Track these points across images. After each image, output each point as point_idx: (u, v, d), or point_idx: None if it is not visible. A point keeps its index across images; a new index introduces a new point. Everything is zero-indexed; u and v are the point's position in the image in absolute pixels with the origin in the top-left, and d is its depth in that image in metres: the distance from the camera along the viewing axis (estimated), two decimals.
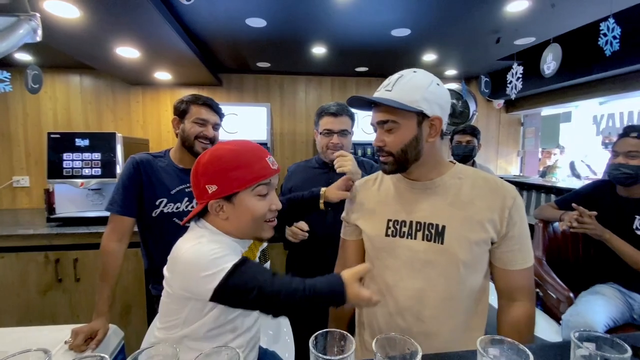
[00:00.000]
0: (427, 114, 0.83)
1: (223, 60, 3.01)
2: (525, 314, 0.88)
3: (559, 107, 3.47)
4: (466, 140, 2.31)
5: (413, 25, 2.17)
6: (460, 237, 0.84)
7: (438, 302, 0.88)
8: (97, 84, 3.28)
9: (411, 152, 0.85)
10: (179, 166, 1.36)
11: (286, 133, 3.64)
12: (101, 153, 2.44)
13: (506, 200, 0.85)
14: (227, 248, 0.79)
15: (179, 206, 1.31)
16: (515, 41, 2.43)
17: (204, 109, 1.31)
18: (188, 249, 0.76)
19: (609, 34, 1.41)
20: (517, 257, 0.86)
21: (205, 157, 0.82)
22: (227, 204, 0.80)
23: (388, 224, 0.93)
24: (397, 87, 0.83)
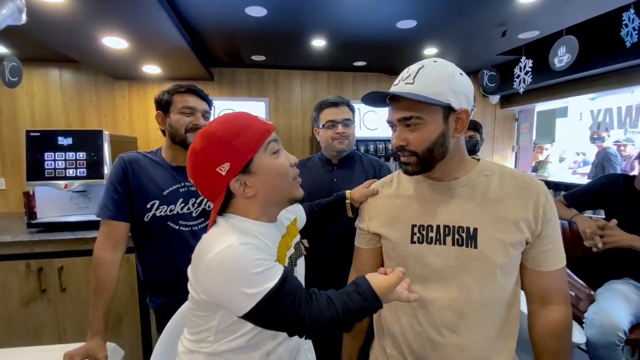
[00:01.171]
0: (454, 107, 0.75)
1: (216, 53, 2.86)
2: (563, 318, 0.82)
3: (554, 102, 3.50)
4: (468, 135, 2.25)
5: (420, 17, 2.10)
6: (495, 240, 0.78)
7: (473, 312, 0.81)
8: (79, 78, 3.06)
9: (438, 150, 0.77)
10: (172, 164, 1.21)
11: (281, 130, 3.52)
12: (86, 152, 2.25)
13: (539, 197, 0.79)
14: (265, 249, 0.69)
15: (173, 208, 1.16)
16: (520, 35, 2.40)
17: (189, 97, 1.16)
18: (221, 252, 0.64)
19: (629, 25, 1.37)
20: (551, 256, 0.80)
21: (197, 144, 0.71)
22: (248, 177, 0.71)
23: (413, 230, 0.85)
24: (419, 78, 0.75)
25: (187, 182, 1.18)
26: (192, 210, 1.18)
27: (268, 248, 0.71)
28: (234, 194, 0.72)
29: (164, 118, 1.18)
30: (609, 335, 1.35)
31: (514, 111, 4.02)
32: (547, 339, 0.82)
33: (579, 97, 3.20)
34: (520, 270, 0.85)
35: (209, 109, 1.23)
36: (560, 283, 0.82)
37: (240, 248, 0.65)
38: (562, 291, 0.83)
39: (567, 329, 0.83)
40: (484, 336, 0.82)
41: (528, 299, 0.86)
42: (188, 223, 1.17)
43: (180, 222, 1.16)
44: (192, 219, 1.17)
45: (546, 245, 0.79)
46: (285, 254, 0.79)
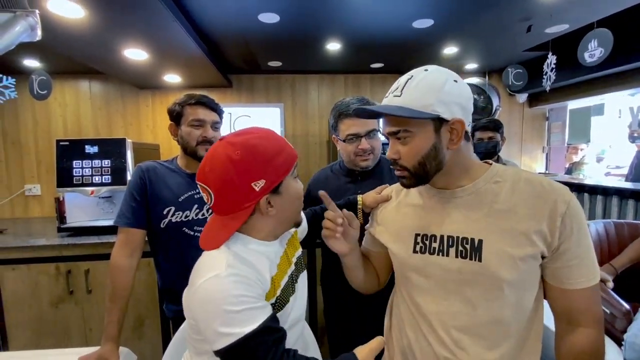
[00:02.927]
0: (445, 117, 0.71)
1: (233, 60, 2.91)
2: (590, 344, 0.73)
3: (587, 99, 3.26)
4: (488, 136, 2.14)
5: (436, 15, 2.02)
6: (501, 253, 0.71)
7: (480, 328, 0.75)
8: (106, 88, 3.22)
9: (430, 163, 0.74)
10: (187, 171, 1.25)
11: (299, 134, 3.52)
12: (111, 160, 2.35)
13: (558, 206, 0.70)
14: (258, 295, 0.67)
15: (188, 214, 1.20)
16: (547, 29, 2.25)
17: (199, 109, 1.19)
18: (207, 281, 0.64)
19: None
20: (576, 273, 0.72)
21: (234, 154, 0.67)
22: (275, 197, 0.72)
23: (416, 239, 0.82)
24: (407, 90, 0.72)
25: None
26: (207, 216, 1.21)
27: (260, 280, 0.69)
28: (255, 212, 0.71)
29: (176, 129, 1.23)
30: None
31: (544, 110, 3.80)
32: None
33: (616, 93, 2.96)
34: (544, 285, 0.78)
35: (220, 119, 1.26)
36: (590, 303, 0.73)
37: (226, 280, 0.63)
38: (592, 313, 0.73)
39: (596, 356, 0.74)
40: (500, 355, 0.75)
41: (555, 317, 0.79)
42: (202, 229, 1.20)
43: (196, 228, 1.19)
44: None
45: (569, 260, 0.71)
46: (283, 277, 0.78)
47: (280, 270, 0.77)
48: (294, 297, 0.79)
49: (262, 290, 0.68)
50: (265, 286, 0.70)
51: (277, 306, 0.72)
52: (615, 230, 1.94)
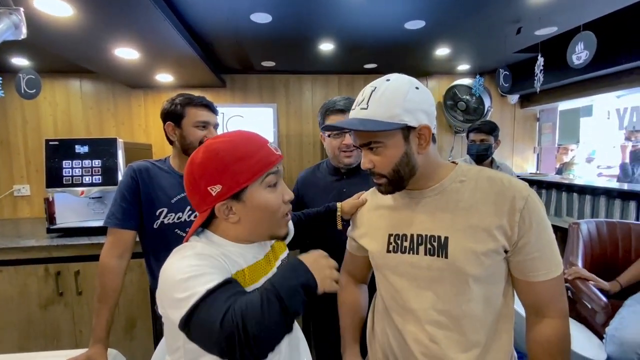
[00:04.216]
0: (412, 125, 0.74)
1: (226, 60, 2.90)
2: (556, 334, 0.77)
3: (576, 101, 3.31)
4: (480, 139, 2.17)
5: (428, 16, 2.04)
6: (466, 249, 0.76)
7: (451, 322, 0.79)
8: (98, 88, 3.18)
9: (404, 169, 0.77)
10: (180, 172, 1.24)
11: (292, 134, 3.52)
12: (102, 160, 2.33)
13: (516, 201, 0.74)
14: (215, 265, 0.65)
15: (181, 216, 1.19)
16: (536, 31, 2.28)
17: (203, 111, 1.20)
18: (169, 264, 0.66)
19: None
20: (538, 265, 0.75)
21: (198, 156, 0.70)
22: (236, 204, 0.70)
23: (389, 239, 0.86)
24: (372, 102, 0.75)
25: None
26: None
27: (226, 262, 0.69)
28: (216, 215, 0.71)
29: (175, 129, 1.21)
30: (629, 354, 1.26)
31: (535, 111, 3.84)
32: (540, 355, 0.78)
33: (603, 95, 3.01)
34: (512, 279, 0.81)
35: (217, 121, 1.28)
36: (554, 295, 0.77)
37: (188, 256, 0.65)
38: (556, 304, 0.77)
39: (561, 346, 0.77)
40: (472, 348, 0.78)
41: (524, 309, 0.83)
42: None
43: (187, 230, 1.18)
44: None
45: (530, 254, 0.75)
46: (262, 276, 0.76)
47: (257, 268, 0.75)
48: None
49: (226, 269, 0.67)
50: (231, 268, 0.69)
51: None
52: (607, 229, 1.99)
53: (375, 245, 0.89)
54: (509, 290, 0.82)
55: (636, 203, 2.33)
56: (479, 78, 2.72)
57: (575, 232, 1.96)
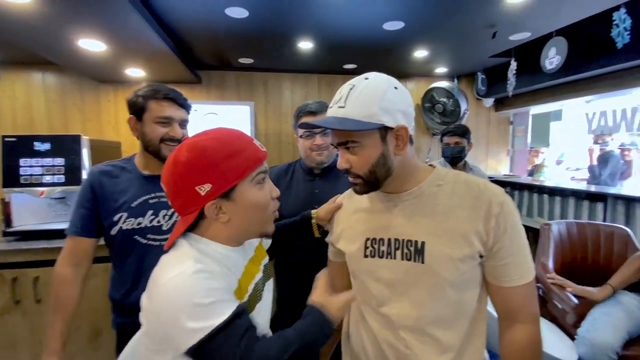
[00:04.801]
0: (390, 125, 0.73)
1: (202, 55, 2.80)
2: (528, 339, 0.77)
3: (547, 105, 3.43)
4: (454, 141, 2.20)
5: (407, 18, 2.04)
6: (442, 254, 0.75)
7: (427, 328, 0.78)
8: (62, 81, 2.99)
9: (380, 170, 0.76)
10: (143, 173, 1.13)
11: (271, 133, 3.45)
12: (64, 158, 2.18)
13: (492, 207, 0.74)
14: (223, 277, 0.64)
15: (141, 221, 1.09)
16: (511, 36, 2.34)
17: (166, 104, 1.07)
18: (171, 279, 0.60)
19: (620, 25, 1.31)
20: (511, 271, 0.75)
21: (182, 155, 0.66)
22: (226, 203, 0.67)
23: (366, 244, 0.84)
24: (350, 101, 0.72)
25: (159, 192, 1.09)
26: (163, 222, 1.10)
27: (227, 275, 0.66)
28: (205, 216, 0.68)
29: (137, 124, 1.10)
30: (600, 355, 1.29)
31: (509, 114, 3.96)
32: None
33: (573, 100, 3.14)
34: (485, 285, 0.81)
35: (187, 116, 1.15)
36: (526, 300, 0.77)
37: (193, 276, 0.60)
38: (528, 309, 0.78)
39: (533, 351, 0.78)
40: (445, 353, 0.78)
41: (497, 314, 0.82)
42: (157, 237, 1.09)
43: (149, 236, 1.09)
44: (162, 233, 1.09)
45: (503, 258, 0.74)
46: (251, 281, 0.75)
47: (247, 274, 0.74)
48: (260, 305, 0.76)
49: (229, 286, 0.65)
50: (232, 283, 0.67)
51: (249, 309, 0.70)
52: (577, 230, 2.05)
53: (352, 249, 0.87)
54: (484, 295, 0.82)
55: (603, 204, 2.43)
56: (456, 81, 2.76)
57: (547, 233, 2.01)
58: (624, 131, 3.63)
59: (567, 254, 1.99)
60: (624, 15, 1.34)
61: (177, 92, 1.11)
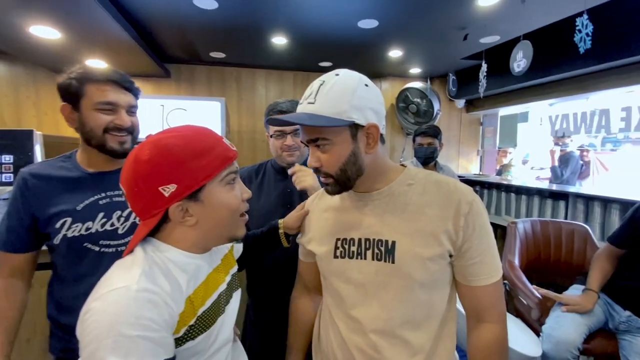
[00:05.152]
0: (360, 123, 0.71)
1: (170, 48, 2.67)
2: (495, 339, 0.78)
3: (515, 107, 3.57)
4: (427, 142, 2.22)
5: (381, 17, 2.03)
6: (412, 254, 0.74)
7: (397, 330, 0.77)
8: (14, 72, 2.76)
9: (351, 169, 0.74)
10: (88, 170, 0.98)
11: (245, 131, 3.36)
12: (14, 155, 2.01)
13: (461, 206, 0.74)
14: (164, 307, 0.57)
15: (90, 225, 0.93)
16: (481, 39, 2.39)
17: (108, 89, 0.90)
18: (108, 293, 0.54)
19: (583, 30, 1.35)
20: (479, 270, 0.75)
21: (144, 153, 0.61)
22: (193, 205, 0.63)
23: (337, 244, 0.83)
24: (320, 97, 0.71)
25: (110, 190, 0.96)
26: (118, 226, 0.96)
27: (173, 300, 0.59)
28: (171, 219, 0.62)
29: (72, 112, 0.93)
30: (563, 352, 1.33)
31: (479, 115, 4.09)
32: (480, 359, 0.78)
33: (538, 102, 3.28)
34: (455, 284, 0.81)
35: (136, 102, 0.99)
36: (493, 299, 0.77)
37: (133, 296, 0.54)
38: (495, 308, 0.78)
39: (499, 350, 0.78)
40: (412, 354, 0.77)
41: (466, 314, 0.83)
42: (112, 243, 0.95)
43: (102, 243, 0.94)
44: (118, 237, 0.96)
45: (472, 258, 0.74)
46: (212, 292, 0.70)
47: (208, 287, 0.69)
48: (222, 318, 0.71)
49: (170, 315, 0.58)
50: (178, 307, 0.60)
51: (197, 328, 0.64)
52: (541, 227, 2.13)
53: (323, 250, 0.85)
54: (453, 295, 0.82)
55: (565, 202, 2.55)
56: (429, 82, 2.80)
57: (513, 231, 2.07)
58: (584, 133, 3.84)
59: (532, 251, 2.06)
60: (586, 21, 1.39)
61: (120, 72, 0.95)
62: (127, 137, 0.95)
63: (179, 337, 0.60)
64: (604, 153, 5.24)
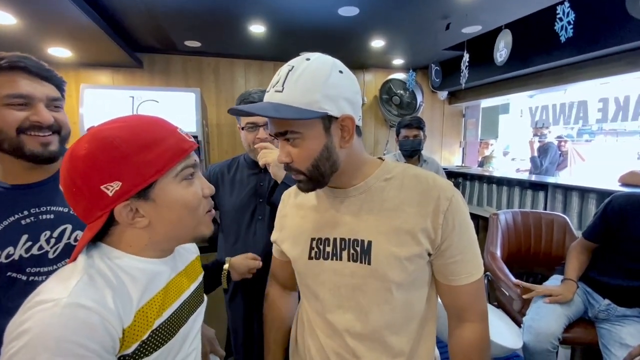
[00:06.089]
0: (334, 114, 0.65)
1: (141, 36, 2.52)
2: (476, 338, 0.76)
3: (496, 99, 3.59)
4: (413, 134, 2.18)
5: (361, 4, 1.96)
6: (388, 254, 0.70)
7: (375, 334, 0.74)
8: None
9: (324, 165, 0.68)
10: (5, 185, 0.80)
11: (224, 124, 3.24)
12: None
13: (440, 202, 0.70)
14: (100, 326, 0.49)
15: (12, 252, 0.77)
16: (463, 29, 2.36)
17: (18, 77, 0.74)
18: (40, 309, 0.46)
19: (564, 19, 1.33)
20: (460, 269, 0.72)
21: (81, 147, 0.53)
22: (143, 204, 0.56)
23: (312, 244, 0.78)
24: (288, 84, 0.64)
25: (35, 207, 0.80)
26: (47, 249, 0.80)
27: (116, 317, 0.51)
28: (115, 222, 0.56)
29: None
30: (544, 343, 1.34)
31: (461, 107, 4.10)
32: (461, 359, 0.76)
33: (518, 94, 3.30)
34: (435, 284, 0.78)
35: (60, 93, 0.83)
36: (474, 298, 0.75)
37: (65, 312, 0.46)
38: (476, 307, 0.76)
39: (481, 349, 0.76)
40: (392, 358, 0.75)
41: (447, 313, 0.80)
42: (42, 270, 0.80)
43: (29, 271, 0.79)
44: (48, 263, 0.80)
45: (452, 256, 0.71)
46: (174, 300, 0.63)
47: (167, 295, 0.62)
48: (185, 329, 0.65)
49: (110, 335, 0.50)
50: (123, 322, 0.53)
51: (153, 343, 0.57)
52: (522, 218, 2.14)
53: (297, 251, 0.80)
54: (433, 294, 0.79)
55: (544, 193, 2.58)
56: (412, 72, 2.76)
57: (495, 223, 2.08)
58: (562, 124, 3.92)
59: (512, 242, 2.08)
60: (568, 9, 1.37)
61: (33, 59, 0.78)
62: (51, 136, 0.79)
63: (129, 353, 0.53)
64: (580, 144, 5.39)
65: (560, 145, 4.66)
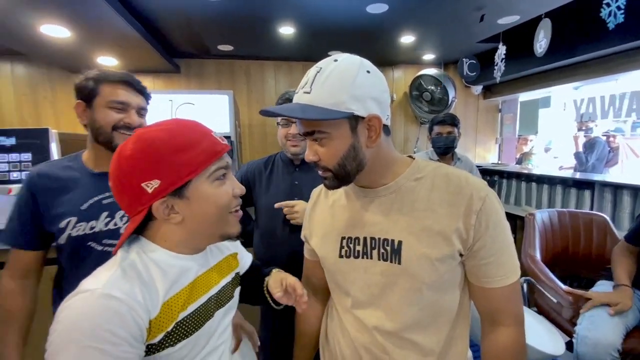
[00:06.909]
0: (360, 115, 0.65)
1: (179, 43, 2.66)
2: (511, 343, 0.73)
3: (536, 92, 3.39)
4: (447, 131, 2.12)
5: (390, 0, 1.94)
6: (420, 255, 0.70)
7: (404, 333, 0.74)
8: (31, 72, 2.83)
9: (350, 164, 0.69)
10: (93, 171, 1.01)
11: (255, 124, 3.34)
12: (32, 153, 2.06)
13: (473, 202, 0.68)
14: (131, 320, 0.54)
15: (94, 225, 0.97)
16: (499, 20, 2.26)
17: (121, 89, 0.97)
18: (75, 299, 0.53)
19: (612, 4, 1.23)
20: (494, 271, 0.70)
21: (127, 148, 0.60)
22: (178, 201, 0.61)
23: (342, 243, 0.79)
24: (316, 86, 0.65)
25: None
26: (121, 225, 0.98)
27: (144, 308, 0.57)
28: (153, 217, 0.61)
29: (85, 110, 0.97)
30: (602, 355, 1.23)
31: (497, 102, 3.91)
32: None
33: (561, 86, 3.10)
34: (468, 285, 0.76)
35: (146, 105, 1.04)
36: (509, 302, 0.72)
37: (99, 301, 0.52)
38: (511, 311, 0.73)
39: (516, 354, 0.74)
40: (422, 357, 0.74)
41: (480, 316, 0.78)
42: (115, 242, 0.97)
43: (105, 242, 0.97)
44: (119, 237, 0.99)
45: (485, 258, 0.69)
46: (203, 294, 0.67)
47: (194, 290, 0.66)
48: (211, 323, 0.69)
49: (138, 325, 0.55)
50: (150, 313, 0.58)
51: (178, 334, 0.61)
52: (558, 218, 2.02)
53: (328, 249, 0.82)
54: (465, 296, 0.77)
55: (590, 192, 2.41)
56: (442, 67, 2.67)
57: (531, 223, 1.97)
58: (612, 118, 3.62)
59: (551, 244, 1.96)
60: None
61: (133, 76, 1.01)
62: None
63: (155, 343, 0.58)
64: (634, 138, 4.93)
65: (609, 140, 4.30)
